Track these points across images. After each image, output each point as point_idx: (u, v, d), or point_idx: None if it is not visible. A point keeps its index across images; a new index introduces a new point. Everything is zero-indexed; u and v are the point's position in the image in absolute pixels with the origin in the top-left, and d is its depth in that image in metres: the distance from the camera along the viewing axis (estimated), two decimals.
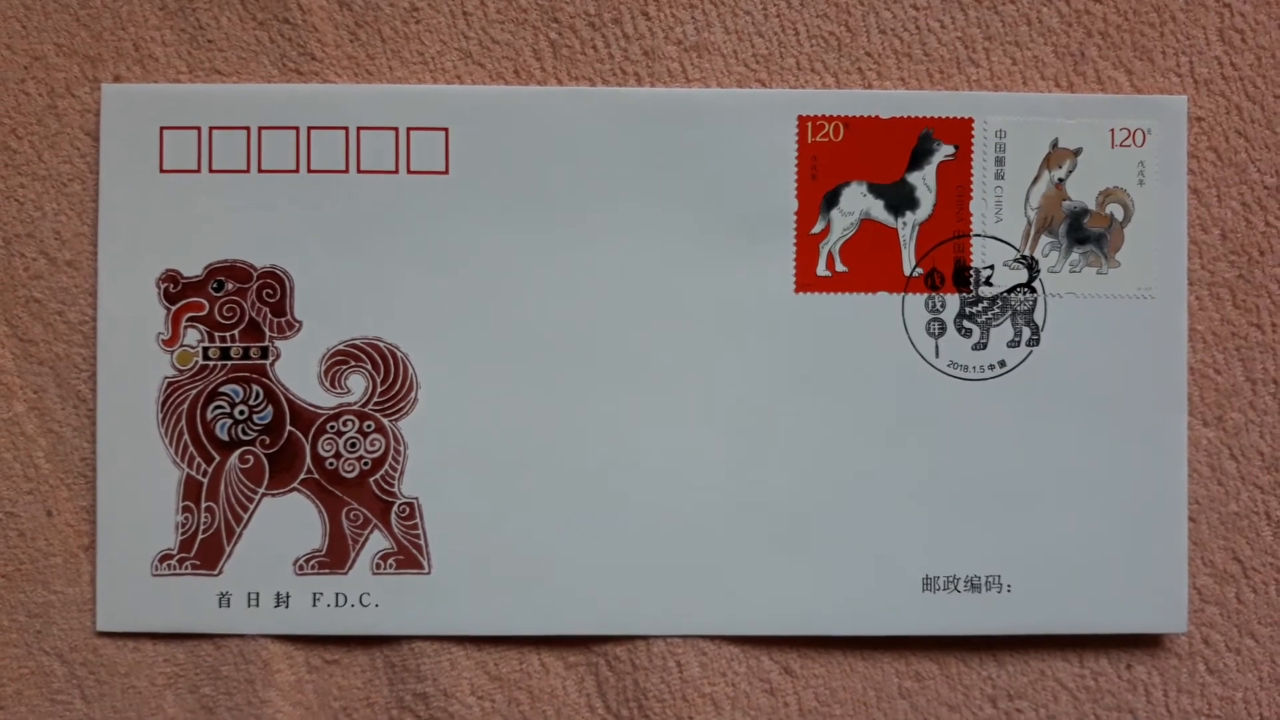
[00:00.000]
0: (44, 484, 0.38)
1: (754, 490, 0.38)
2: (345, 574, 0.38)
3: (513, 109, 0.38)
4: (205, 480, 0.38)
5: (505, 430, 0.38)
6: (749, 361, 0.38)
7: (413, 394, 0.38)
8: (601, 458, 0.38)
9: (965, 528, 0.39)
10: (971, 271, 0.39)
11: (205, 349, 0.38)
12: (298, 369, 0.38)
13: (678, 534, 0.38)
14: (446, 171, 0.38)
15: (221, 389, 0.38)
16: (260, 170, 0.38)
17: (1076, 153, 0.39)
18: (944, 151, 0.39)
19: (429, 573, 0.38)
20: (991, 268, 0.39)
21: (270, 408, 0.38)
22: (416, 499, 0.38)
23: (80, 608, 0.38)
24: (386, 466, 0.38)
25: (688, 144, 0.38)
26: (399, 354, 0.38)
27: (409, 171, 0.38)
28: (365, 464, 0.38)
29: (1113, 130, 0.39)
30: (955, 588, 0.38)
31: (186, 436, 0.38)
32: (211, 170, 0.38)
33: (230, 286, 0.38)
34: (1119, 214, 0.39)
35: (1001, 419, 0.39)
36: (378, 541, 0.38)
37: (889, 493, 0.39)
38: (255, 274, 0.38)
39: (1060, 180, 0.39)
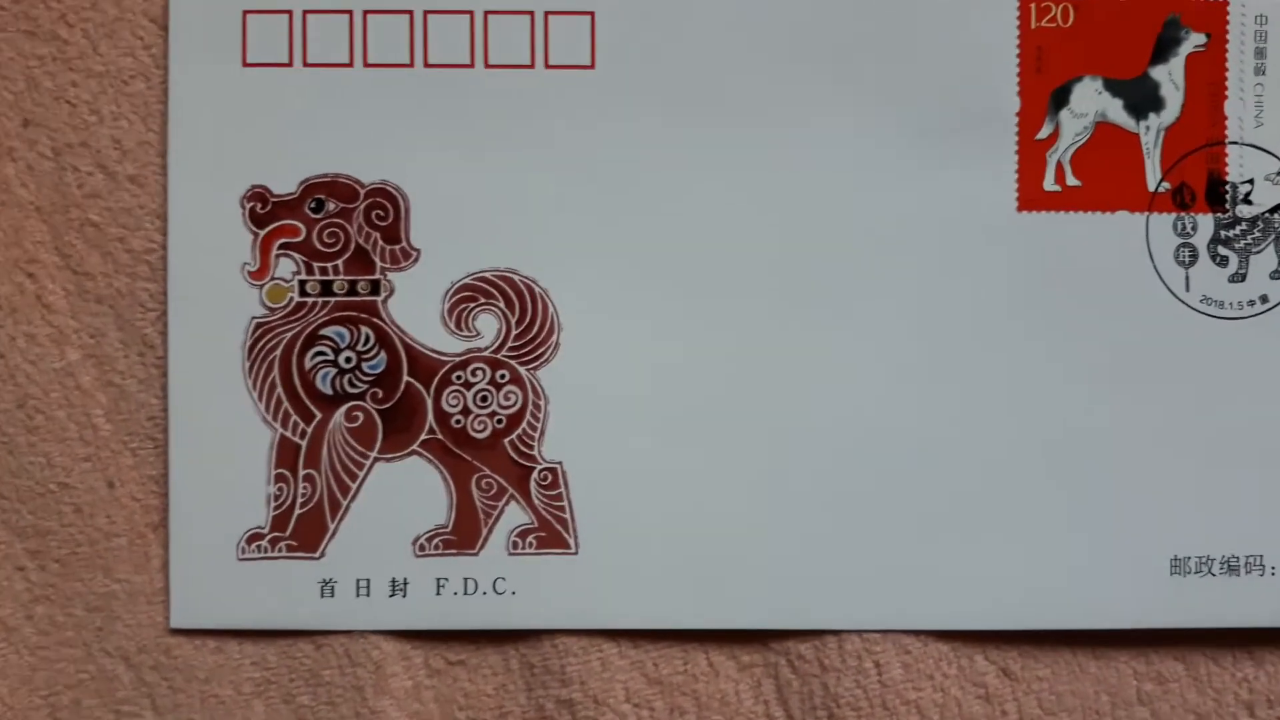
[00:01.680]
0: (104, 449, 0.34)
1: (966, 454, 0.33)
2: (475, 555, 0.34)
3: None
4: (304, 443, 0.33)
5: (665, 382, 0.34)
6: (962, 294, 0.34)
7: (554, 338, 0.34)
8: (782, 414, 0.34)
9: (1222, 498, 0.34)
10: (1228, 187, 0.34)
11: (302, 283, 0.34)
12: (416, 307, 0.34)
13: (874, 508, 0.34)
14: (592, 65, 0.33)
15: (323, 332, 0.34)
16: (366, 64, 0.33)
17: None
18: (1194, 41, 0.34)
19: (575, 553, 0.34)
20: (1251, 182, 0.34)
21: (383, 354, 0.34)
22: (560, 464, 0.34)
23: (150, 599, 0.34)
24: (524, 425, 0.34)
25: (886, 30, 0.33)
26: (537, 289, 0.34)
27: (547, 66, 0.34)
28: (499, 422, 0.33)
29: None
30: (1209, 570, 0.34)
31: (280, 390, 0.34)
32: (306, 64, 0.33)
33: (332, 207, 0.34)
34: None
35: (1264, 365, 0.34)
36: (515, 515, 0.34)
37: (1129, 455, 0.34)
38: (362, 191, 0.34)
39: None
